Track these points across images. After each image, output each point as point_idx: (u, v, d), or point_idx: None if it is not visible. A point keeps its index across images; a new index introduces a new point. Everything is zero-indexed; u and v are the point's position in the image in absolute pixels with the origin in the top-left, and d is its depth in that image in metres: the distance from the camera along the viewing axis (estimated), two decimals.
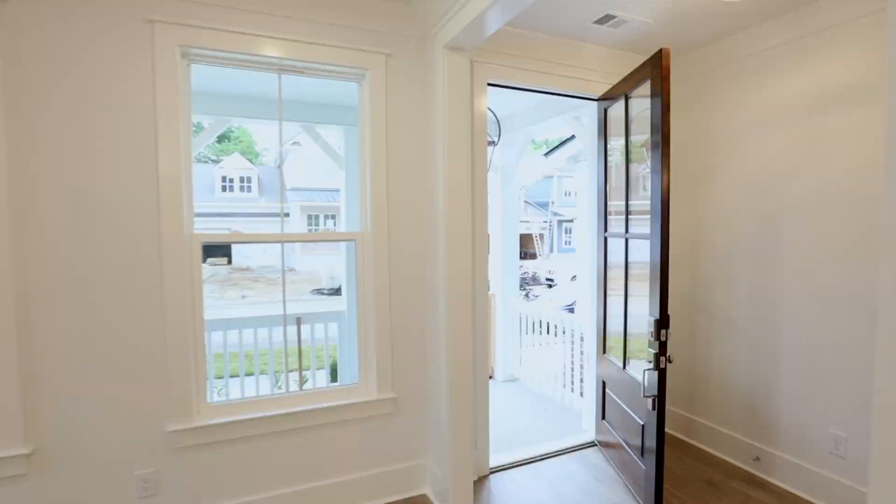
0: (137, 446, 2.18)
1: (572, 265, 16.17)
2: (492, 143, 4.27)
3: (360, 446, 2.62)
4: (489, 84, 2.85)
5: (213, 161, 21.86)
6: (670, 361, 2.43)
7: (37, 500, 2.03)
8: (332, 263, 16.75)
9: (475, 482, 2.84)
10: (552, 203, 26.28)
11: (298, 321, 4.39)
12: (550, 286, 17.77)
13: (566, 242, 26.34)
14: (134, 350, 2.15)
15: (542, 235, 25.85)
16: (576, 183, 3.49)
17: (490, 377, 4.80)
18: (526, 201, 24.40)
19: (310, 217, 22.02)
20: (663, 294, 2.40)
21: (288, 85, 2.70)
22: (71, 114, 2.02)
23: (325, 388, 2.71)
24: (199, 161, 20.92)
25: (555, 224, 26.74)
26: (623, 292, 2.92)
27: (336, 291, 16.04)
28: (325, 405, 2.51)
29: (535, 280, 18.77)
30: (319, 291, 16.84)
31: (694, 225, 3.31)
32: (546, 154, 5.84)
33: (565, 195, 26.34)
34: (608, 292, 3.16)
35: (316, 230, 21.26)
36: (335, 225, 21.76)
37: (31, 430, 2.01)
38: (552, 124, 4.26)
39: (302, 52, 2.37)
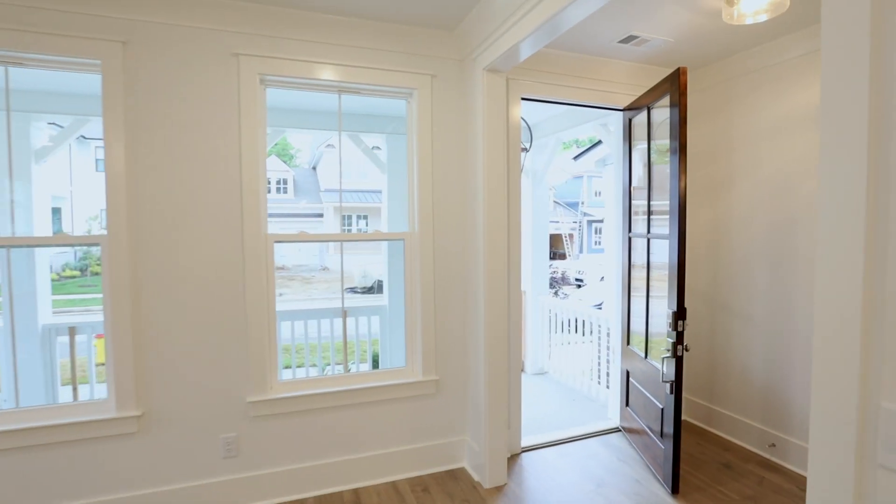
0: (223, 414, 2.57)
1: (601, 265, 16.23)
2: (524, 149, 4.56)
3: (405, 422, 2.96)
4: (523, 98, 3.15)
5: None
6: (687, 350, 2.69)
7: (143, 453, 2.45)
8: (365, 262, 17.21)
9: (508, 459, 3.14)
10: (582, 203, 26.23)
11: (344, 314, 4.79)
12: (579, 286, 17.86)
13: (596, 243, 26.25)
14: (222, 332, 2.54)
15: (571, 235, 25.85)
16: (604, 184, 3.70)
17: (521, 370, 5.09)
18: (555, 201, 24.45)
19: (343, 217, 22.61)
20: (680, 289, 2.66)
21: (336, 99, 3.07)
22: (173, 132, 2.42)
23: (376, 371, 3.06)
24: None
25: (584, 224, 26.67)
26: (645, 288, 3.18)
27: (369, 290, 16.53)
28: (376, 384, 2.86)
29: (564, 280, 18.89)
30: (353, 290, 17.35)
31: (714, 225, 3.54)
32: (575, 158, 6.08)
33: (595, 195, 26.25)
34: (632, 288, 3.42)
35: (349, 230, 21.83)
36: (367, 225, 22.34)
37: (141, 397, 2.43)
38: (580, 131, 4.53)
39: (359, 76, 2.73)
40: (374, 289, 15.66)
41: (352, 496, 2.74)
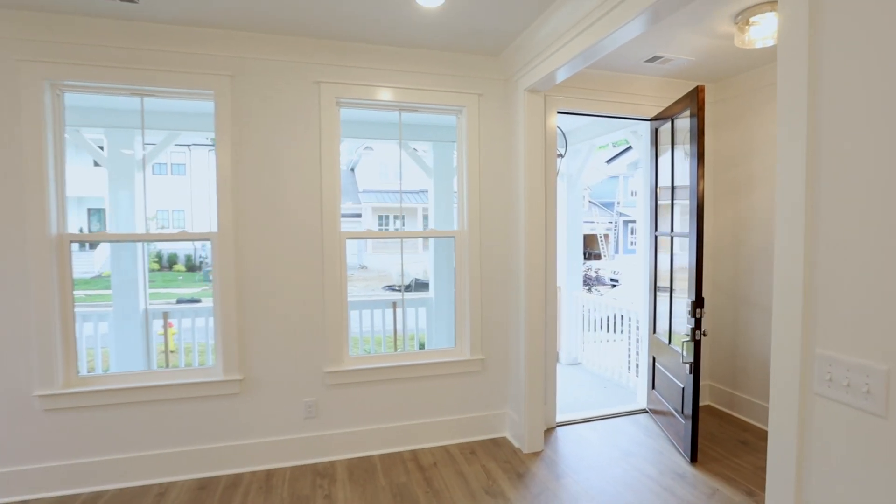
0: (304, 381, 3.09)
1: (636, 266, 16.31)
2: (559, 155, 4.95)
3: (454, 395, 3.41)
4: (559, 112, 3.56)
5: None
6: (705, 335, 3.05)
7: (243, 411, 2.99)
8: (404, 262, 17.73)
9: (544, 431, 3.56)
10: (618, 203, 26.12)
11: (394, 305, 5.29)
12: (614, 286, 17.96)
13: (631, 243, 26.10)
14: (305, 313, 3.06)
15: (606, 236, 25.78)
16: (636, 185, 3.99)
17: (556, 360, 5.47)
18: (591, 201, 24.50)
19: (380, 217, 23.28)
20: (698, 281, 3.02)
21: (392, 113, 3.55)
22: (268, 147, 2.95)
23: (429, 350, 3.52)
24: None
25: (620, 224, 26.55)
26: (669, 281, 3.54)
27: (406, 288, 17.09)
28: (430, 361, 3.33)
29: (598, 280, 19.00)
30: (391, 288, 17.96)
31: (736, 224, 3.85)
32: (608, 161, 6.41)
33: (631, 195, 26.08)
34: (657, 281, 3.78)
35: (385, 229, 22.45)
36: (403, 224, 22.98)
37: (242, 365, 2.97)
38: (612, 137, 4.88)
39: (417, 97, 3.20)
40: (412, 287, 16.18)
41: (410, 455, 3.22)
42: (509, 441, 3.44)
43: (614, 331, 5.09)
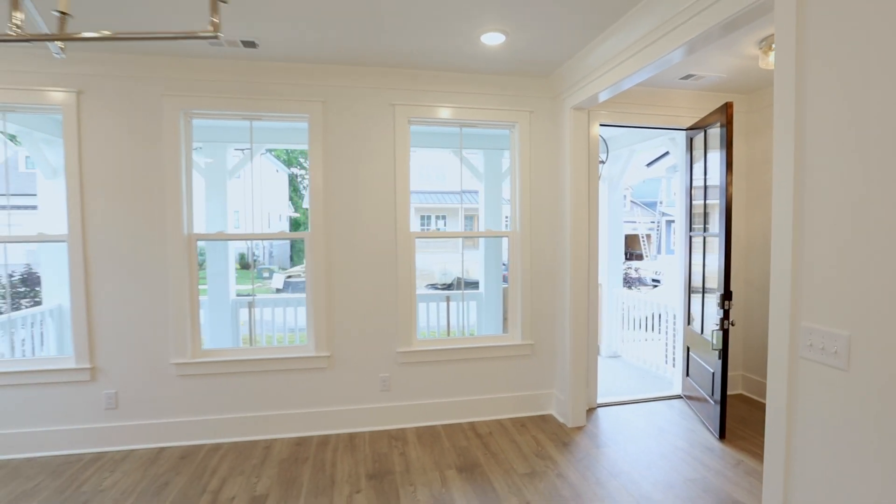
0: (380, 359, 3.64)
1: (676, 265, 16.23)
2: (601, 161, 5.34)
3: (506, 376, 3.89)
4: (601, 124, 3.98)
5: None
6: (733, 325, 3.41)
7: (330, 383, 3.56)
8: (445, 261, 18.30)
9: (586, 411, 3.98)
10: (660, 203, 25.84)
11: (448, 299, 5.81)
12: (655, 286, 17.94)
13: (674, 244, 25.72)
14: (381, 301, 3.61)
15: (648, 236, 25.54)
16: (676, 187, 4.28)
17: (597, 352, 5.85)
18: (633, 201, 24.37)
19: (422, 217, 23.89)
20: (726, 276, 3.39)
21: (449, 125, 4.06)
22: (351, 160, 3.51)
23: (484, 335, 4.01)
24: None
25: (663, 224, 26.23)
26: (702, 275, 3.90)
27: (448, 286, 17.61)
28: (486, 344, 3.82)
29: (640, 280, 18.98)
30: (433, 286, 18.53)
31: (767, 226, 4.16)
32: (648, 164, 6.73)
33: (674, 194, 25.70)
34: (692, 275, 4.14)
35: (426, 229, 23.05)
36: (445, 225, 23.54)
37: (330, 343, 3.54)
38: (651, 144, 5.24)
39: (476, 115, 3.69)
40: (454, 286, 16.66)
41: (469, 426, 3.72)
42: (555, 417, 3.89)
43: (653, 329, 5.43)
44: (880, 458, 1.46)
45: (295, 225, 24.44)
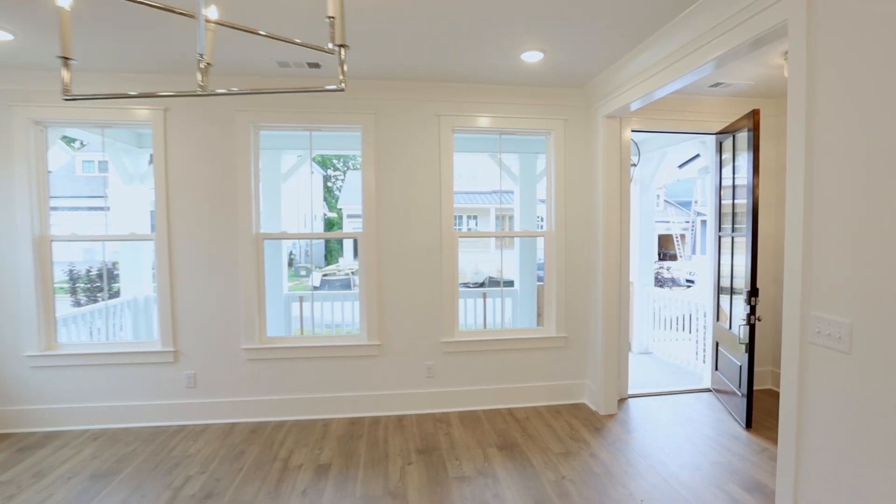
0: (425, 349, 3.97)
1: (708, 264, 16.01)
2: (633, 164, 5.54)
3: (542, 366, 4.17)
4: (632, 130, 4.21)
5: None
6: (759, 320, 3.60)
7: (380, 369, 3.91)
8: (477, 261, 18.57)
9: (617, 401, 4.22)
10: (695, 203, 25.45)
11: (484, 295, 6.10)
12: (689, 287, 17.78)
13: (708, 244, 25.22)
14: (427, 295, 3.94)
15: (683, 236, 25.19)
16: (707, 188, 4.43)
17: (628, 348, 6.04)
18: (666, 200, 24.10)
19: (455, 218, 24.11)
20: (753, 273, 3.58)
21: (489, 133, 4.35)
22: (399, 166, 3.85)
23: (521, 328, 4.30)
24: (354, 169, 24.30)
25: (697, 224, 25.82)
26: (730, 274, 4.09)
27: (480, 285, 17.88)
28: (523, 336, 4.11)
29: (674, 281, 18.81)
30: (465, 285, 18.84)
31: None
32: (680, 166, 6.86)
33: (708, 194, 25.25)
34: (721, 274, 4.32)
35: (459, 229, 23.32)
36: (476, 224, 23.83)
37: (381, 333, 3.90)
38: (682, 147, 5.42)
39: (514, 123, 3.98)
40: (485, 284, 16.90)
41: (507, 412, 4.02)
42: (588, 405, 4.15)
43: (685, 329, 5.58)
44: (879, 425, 1.70)
45: (329, 224, 25.13)
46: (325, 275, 18.45)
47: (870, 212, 1.70)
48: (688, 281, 18.79)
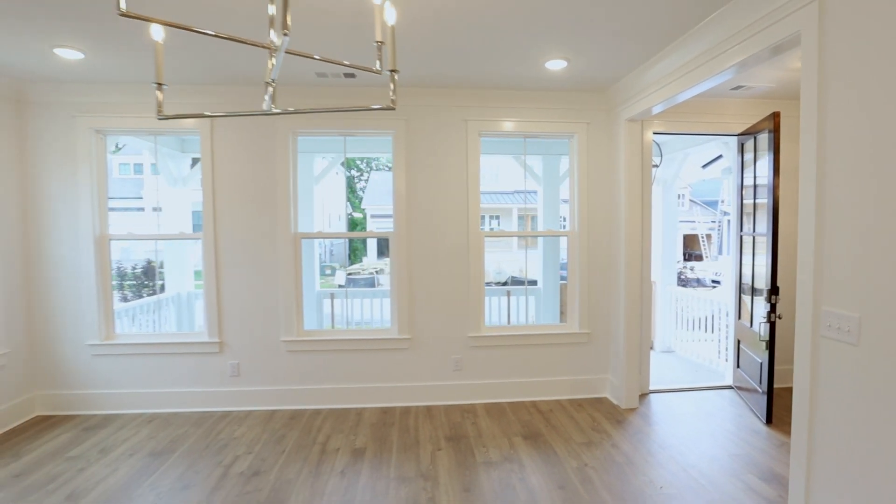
0: (453, 342, 4.16)
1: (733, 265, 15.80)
2: (655, 166, 5.64)
3: (565, 361, 4.32)
4: (654, 133, 4.32)
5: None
6: (779, 318, 3.69)
7: (410, 361, 4.12)
8: (499, 260, 18.68)
9: (639, 396, 4.34)
10: (722, 202, 25.06)
11: (508, 293, 6.26)
12: (715, 287, 17.58)
13: None
14: (455, 292, 4.14)
15: (709, 236, 24.84)
16: (732, 188, 4.50)
17: (650, 348, 6.12)
18: (692, 200, 23.81)
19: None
20: (773, 272, 3.67)
21: (513, 137, 4.51)
22: (429, 169, 4.05)
23: (546, 324, 4.46)
24: (377, 170, 24.65)
25: (724, 224, 25.42)
26: (751, 274, 4.18)
27: (503, 284, 18.01)
28: (546, 332, 4.27)
29: (699, 282, 18.60)
30: (487, 284, 18.96)
31: None
32: (704, 166, 6.90)
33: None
34: (742, 274, 4.41)
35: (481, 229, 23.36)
36: (499, 224, 23.94)
37: (411, 327, 4.10)
38: (704, 148, 5.49)
39: (538, 127, 4.14)
40: (508, 283, 17.00)
41: (531, 404, 4.18)
42: (609, 399, 4.28)
43: (707, 330, 5.61)
44: (885, 411, 1.83)
45: (352, 224, 25.53)
46: (349, 274, 18.81)
47: (876, 213, 1.82)
48: (713, 281, 18.56)
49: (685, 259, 23.21)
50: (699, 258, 23.31)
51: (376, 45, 1.50)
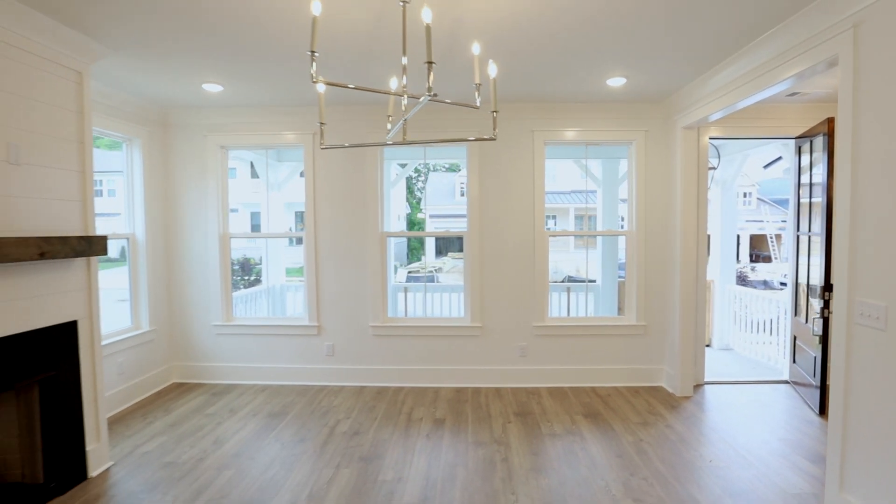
0: (519, 331, 4.62)
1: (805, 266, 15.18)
2: (712, 168, 5.84)
3: (623, 350, 4.67)
4: (710, 138, 4.59)
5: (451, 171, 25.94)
6: (832, 313, 3.89)
7: (480, 347, 4.61)
8: (555, 260, 18.79)
9: (693, 386, 4.62)
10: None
11: (568, 290, 6.63)
12: (783, 289, 16.96)
13: None
14: (521, 285, 4.59)
15: (778, 236, 23.84)
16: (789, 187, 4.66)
17: (707, 345, 6.29)
18: (759, 198, 22.95)
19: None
20: (827, 270, 3.88)
21: (576, 144, 4.90)
22: (499, 175, 4.53)
23: (604, 316, 4.82)
24: (433, 171, 25.31)
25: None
26: (807, 271, 4.37)
27: (560, 282, 18.18)
28: (606, 324, 4.64)
29: (766, 284, 17.99)
30: None
31: None
32: (765, 166, 6.97)
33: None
34: (799, 271, 4.59)
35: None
36: (555, 224, 24.04)
37: (482, 316, 4.60)
38: (763, 150, 5.64)
39: (599, 135, 4.52)
40: (565, 282, 17.14)
41: (590, 389, 4.57)
42: (665, 388, 4.60)
43: (770, 332, 5.59)
44: None
45: (411, 224, 26.37)
46: (409, 272, 19.57)
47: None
48: (781, 283, 17.89)
49: (751, 260, 22.39)
50: (767, 259, 22.41)
51: (475, 86, 1.99)
